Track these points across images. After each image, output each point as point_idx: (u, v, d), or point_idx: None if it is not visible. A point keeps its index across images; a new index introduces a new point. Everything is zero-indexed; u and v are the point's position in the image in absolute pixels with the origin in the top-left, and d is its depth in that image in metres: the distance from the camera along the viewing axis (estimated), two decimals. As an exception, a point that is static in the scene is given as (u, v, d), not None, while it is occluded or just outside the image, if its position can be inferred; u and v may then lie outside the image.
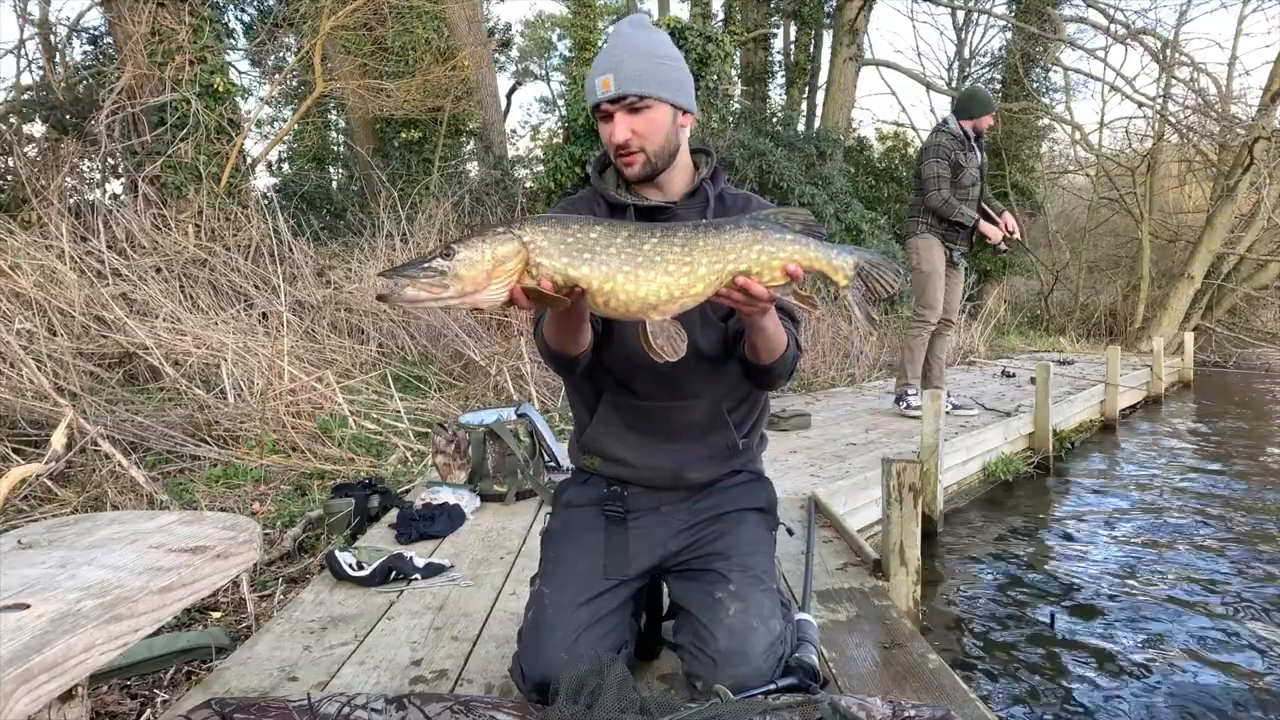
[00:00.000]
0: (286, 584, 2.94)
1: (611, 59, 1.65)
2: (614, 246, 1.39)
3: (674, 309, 1.43)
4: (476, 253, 1.34)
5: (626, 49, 1.66)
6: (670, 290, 1.40)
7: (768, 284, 1.42)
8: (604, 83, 1.63)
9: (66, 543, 1.42)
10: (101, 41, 9.03)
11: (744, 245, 1.42)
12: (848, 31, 13.74)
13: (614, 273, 1.38)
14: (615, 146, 1.67)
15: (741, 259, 1.42)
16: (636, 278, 1.39)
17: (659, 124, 1.66)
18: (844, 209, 10.75)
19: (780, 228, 1.45)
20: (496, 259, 1.34)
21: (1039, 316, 16.36)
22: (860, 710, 1.44)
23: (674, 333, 1.44)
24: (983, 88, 6.45)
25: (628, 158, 1.68)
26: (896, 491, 2.48)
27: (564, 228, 1.40)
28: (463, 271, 1.33)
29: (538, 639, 1.63)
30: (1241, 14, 15.38)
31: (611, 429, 1.76)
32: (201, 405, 4.67)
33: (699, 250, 1.41)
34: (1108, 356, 8.21)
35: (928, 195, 5.40)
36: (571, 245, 1.38)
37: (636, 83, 1.63)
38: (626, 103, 1.63)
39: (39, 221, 6.30)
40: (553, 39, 24.56)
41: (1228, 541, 4.59)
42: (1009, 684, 3.01)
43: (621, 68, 1.64)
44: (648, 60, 1.66)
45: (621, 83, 1.62)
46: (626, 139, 1.65)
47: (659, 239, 1.41)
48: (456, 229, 8.81)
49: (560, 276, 1.37)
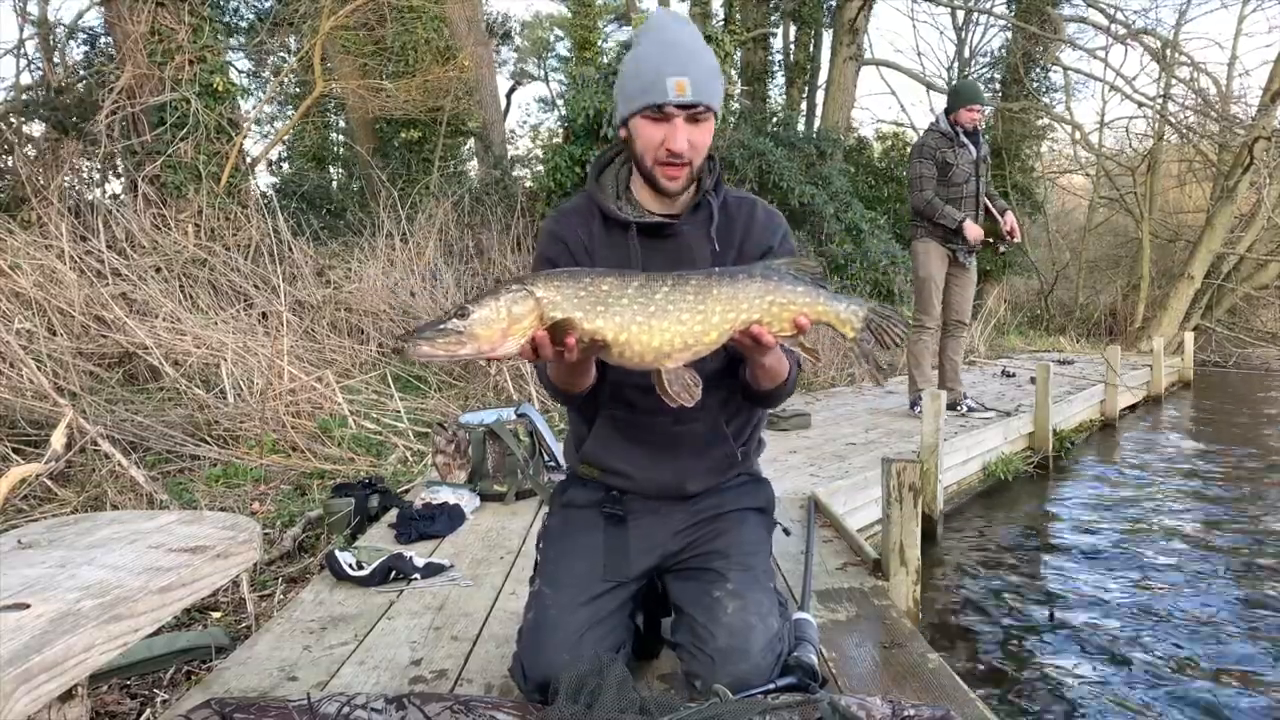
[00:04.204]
0: (286, 584, 2.94)
1: (681, 58, 1.55)
2: (626, 297, 1.42)
3: (687, 357, 1.45)
4: (491, 311, 1.37)
5: (693, 52, 1.57)
6: (684, 339, 1.43)
7: (776, 333, 1.46)
8: (678, 85, 1.52)
9: (66, 542, 1.42)
10: (101, 41, 9.04)
11: (756, 295, 1.45)
12: (848, 31, 13.73)
13: (628, 323, 1.41)
14: (668, 153, 1.57)
15: (754, 309, 1.45)
16: (650, 328, 1.42)
17: (709, 137, 1.61)
18: (844, 209, 10.74)
19: (792, 279, 1.48)
20: (511, 317, 1.38)
21: (1039, 316, 16.35)
22: (860, 710, 1.44)
23: (689, 380, 1.46)
24: (968, 81, 6.45)
25: (676, 169, 1.60)
26: (896, 491, 2.48)
27: (576, 282, 1.42)
28: (478, 331, 1.37)
29: (539, 639, 1.63)
30: (1241, 14, 15.39)
31: (610, 443, 1.75)
32: (201, 405, 4.67)
33: (712, 299, 1.44)
34: (1107, 356, 8.21)
35: (911, 196, 5.43)
36: (585, 299, 1.41)
37: (707, 92, 1.56)
38: (695, 111, 1.56)
39: (39, 221, 6.29)
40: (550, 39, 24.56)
41: (1228, 541, 4.58)
42: (1009, 684, 3.01)
43: (695, 72, 1.54)
44: (712, 70, 1.58)
45: (697, 90, 1.54)
46: (685, 149, 1.56)
47: (670, 288, 1.44)
48: (456, 229, 8.81)
49: (576, 329, 1.40)
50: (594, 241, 1.71)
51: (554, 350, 1.41)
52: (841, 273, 10.48)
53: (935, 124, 5.50)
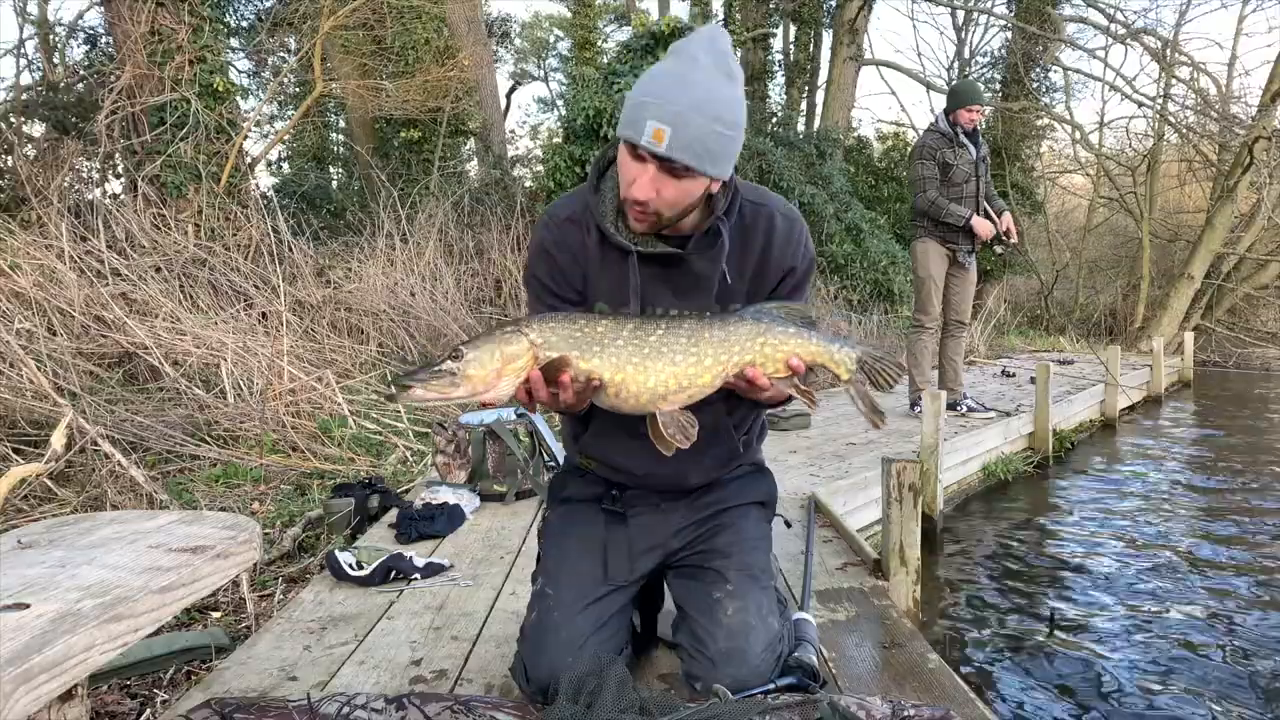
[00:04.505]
0: (286, 584, 2.94)
1: (675, 104, 1.37)
2: (621, 339, 1.44)
3: (682, 399, 1.47)
4: (485, 353, 1.38)
5: (696, 101, 1.37)
6: (678, 380, 1.45)
7: (770, 375, 1.47)
8: (656, 133, 1.36)
9: (66, 542, 1.42)
10: (101, 41, 9.03)
11: (748, 338, 1.47)
12: (848, 31, 13.74)
13: (624, 364, 1.43)
14: (631, 200, 1.45)
15: (746, 350, 1.47)
16: (645, 368, 1.44)
17: (690, 195, 1.45)
18: (844, 209, 10.75)
19: (784, 321, 1.50)
20: (505, 358, 1.39)
21: (1039, 316, 16.35)
22: (859, 710, 1.44)
23: (684, 421, 1.48)
24: (967, 81, 6.45)
25: (638, 213, 1.47)
26: (896, 491, 2.48)
27: (571, 323, 1.44)
28: (472, 372, 1.37)
29: (542, 640, 1.63)
30: (1241, 14, 15.44)
31: (608, 438, 1.72)
32: (201, 405, 4.67)
33: (705, 342, 1.46)
34: (1107, 356, 8.21)
35: (915, 198, 5.44)
36: (580, 340, 1.42)
37: (692, 151, 1.38)
38: (672, 166, 1.40)
39: (39, 221, 6.29)
40: (551, 39, 24.58)
41: (1228, 540, 4.58)
42: (1009, 684, 3.01)
43: (683, 125, 1.36)
44: (713, 126, 1.38)
45: (679, 146, 1.37)
46: (649, 199, 1.43)
47: (665, 330, 1.46)
48: (456, 229, 8.81)
49: (571, 368, 1.41)
50: (590, 262, 1.60)
51: (548, 392, 1.41)
52: (841, 273, 10.50)
53: (935, 124, 5.51)
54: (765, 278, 1.62)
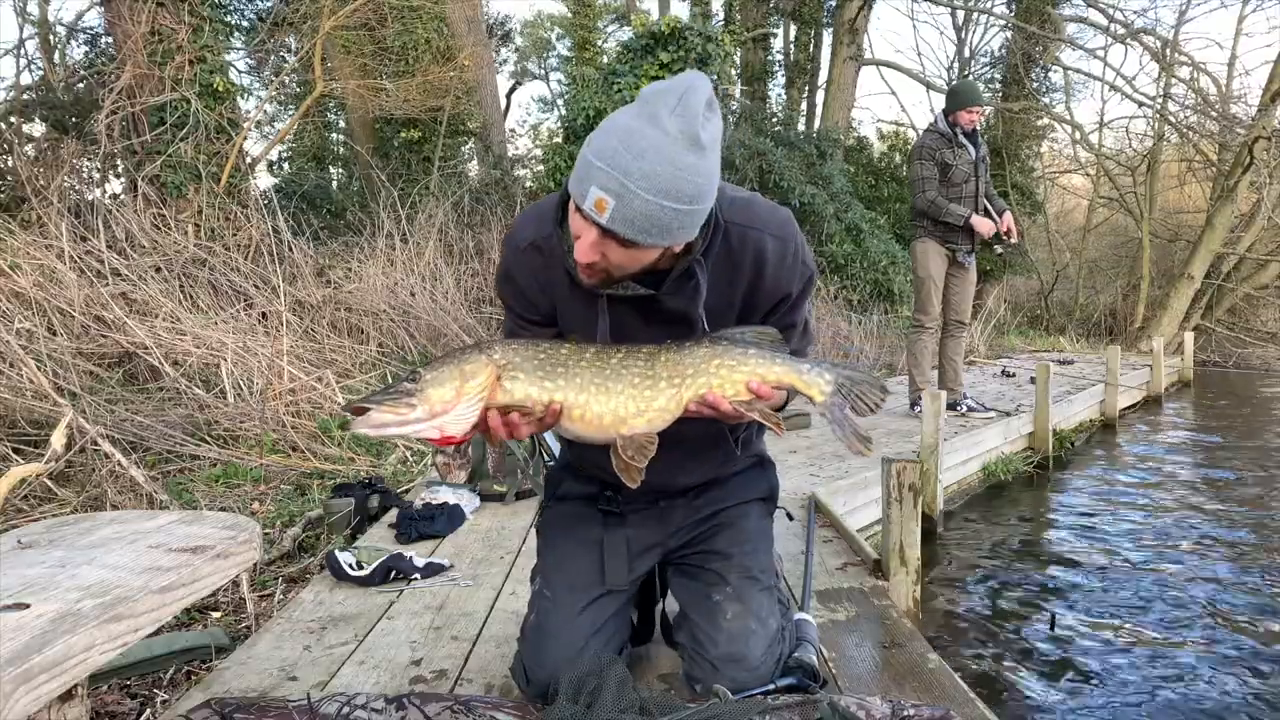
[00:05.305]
0: (286, 584, 2.94)
1: (622, 173, 1.24)
2: (584, 361, 1.42)
3: (642, 424, 1.43)
4: (443, 373, 1.34)
5: (646, 171, 1.24)
6: (637, 404, 1.42)
7: (732, 399, 1.42)
8: (598, 202, 1.26)
9: (66, 542, 1.42)
10: (101, 41, 9.04)
11: (702, 360, 1.43)
12: (848, 31, 13.75)
13: (586, 384, 1.40)
14: (579, 262, 1.37)
15: (700, 373, 1.43)
16: (606, 389, 1.41)
17: (641, 260, 1.36)
18: (844, 209, 10.76)
19: (743, 344, 1.44)
20: (464, 375, 1.34)
21: (1039, 316, 16.35)
22: (859, 710, 1.44)
23: (643, 441, 1.43)
24: (967, 81, 6.45)
25: (586, 271, 1.39)
26: (896, 491, 2.48)
27: (535, 346, 1.42)
28: (430, 392, 1.32)
29: (542, 642, 1.62)
30: (1241, 14, 15.35)
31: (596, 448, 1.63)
32: (201, 405, 4.67)
33: (660, 364, 1.43)
34: (1107, 356, 8.20)
35: (915, 198, 5.44)
36: (544, 362, 1.40)
37: (636, 227, 1.27)
38: (613, 235, 1.30)
39: (38, 221, 6.29)
40: (551, 39, 24.58)
41: (1228, 540, 4.58)
42: (1009, 684, 3.01)
43: (628, 198, 1.25)
44: (662, 201, 1.25)
45: (617, 220, 1.26)
46: (593, 261, 1.35)
47: (624, 353, 1.43)
48: (456, 229, 8.81)
49: (536, 391, 1.38)
50: (557, 294, 1.53)
51: (504, 424, 1.37)
52: (841, 273, 10.51)
53: (934, 124, 5.51)
54: (756, 304, 1.54)
